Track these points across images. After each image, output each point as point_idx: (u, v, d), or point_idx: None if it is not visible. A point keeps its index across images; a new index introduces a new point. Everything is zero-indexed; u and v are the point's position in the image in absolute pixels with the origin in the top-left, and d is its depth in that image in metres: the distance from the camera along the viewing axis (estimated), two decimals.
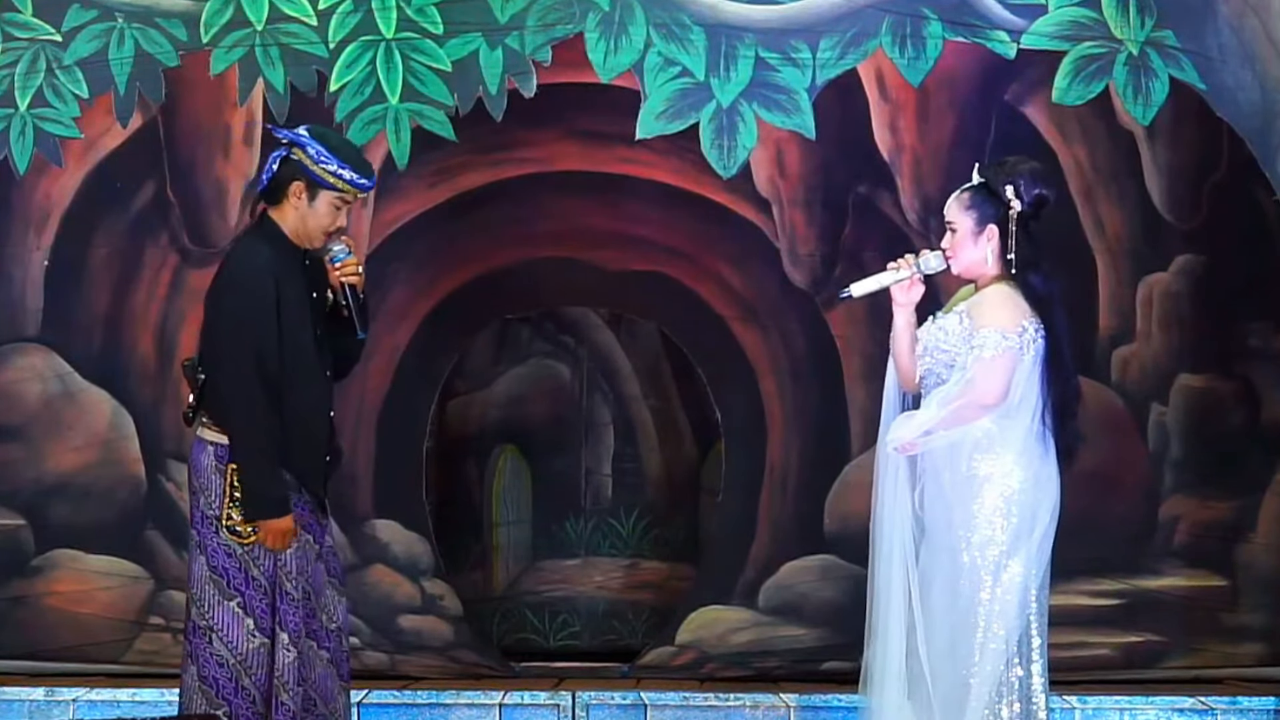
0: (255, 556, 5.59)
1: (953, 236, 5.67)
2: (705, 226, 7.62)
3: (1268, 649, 7.52)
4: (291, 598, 5.62)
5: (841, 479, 7.55)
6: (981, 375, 5.48)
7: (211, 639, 5.58)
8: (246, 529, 5.58)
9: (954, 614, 5.52)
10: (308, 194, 5.66)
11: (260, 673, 5.59)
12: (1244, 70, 7.40)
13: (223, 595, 5.58)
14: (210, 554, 5.60)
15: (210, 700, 5.57)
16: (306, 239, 5.71)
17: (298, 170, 5.65)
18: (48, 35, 7.57)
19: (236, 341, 5.55)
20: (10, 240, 7.64)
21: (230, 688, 5.57)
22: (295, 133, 5.73)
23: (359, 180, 5.68)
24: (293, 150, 5.68)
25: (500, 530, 8.39)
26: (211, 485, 5.61)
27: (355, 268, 5.73)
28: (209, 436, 5.63)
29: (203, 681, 5.59)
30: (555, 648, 8.27)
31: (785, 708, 7.20)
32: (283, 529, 5.57)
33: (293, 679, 5.61)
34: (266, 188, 5.72)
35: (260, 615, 5.59)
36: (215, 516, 5.60)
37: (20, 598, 7.60)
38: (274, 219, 5.71)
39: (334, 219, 5.69)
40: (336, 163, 5.65)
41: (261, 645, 5.59)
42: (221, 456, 5.59)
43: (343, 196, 5.67)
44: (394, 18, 7.49)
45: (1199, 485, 7.58)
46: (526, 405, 8.44)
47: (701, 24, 7.48)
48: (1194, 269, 7.60)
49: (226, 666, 5.58)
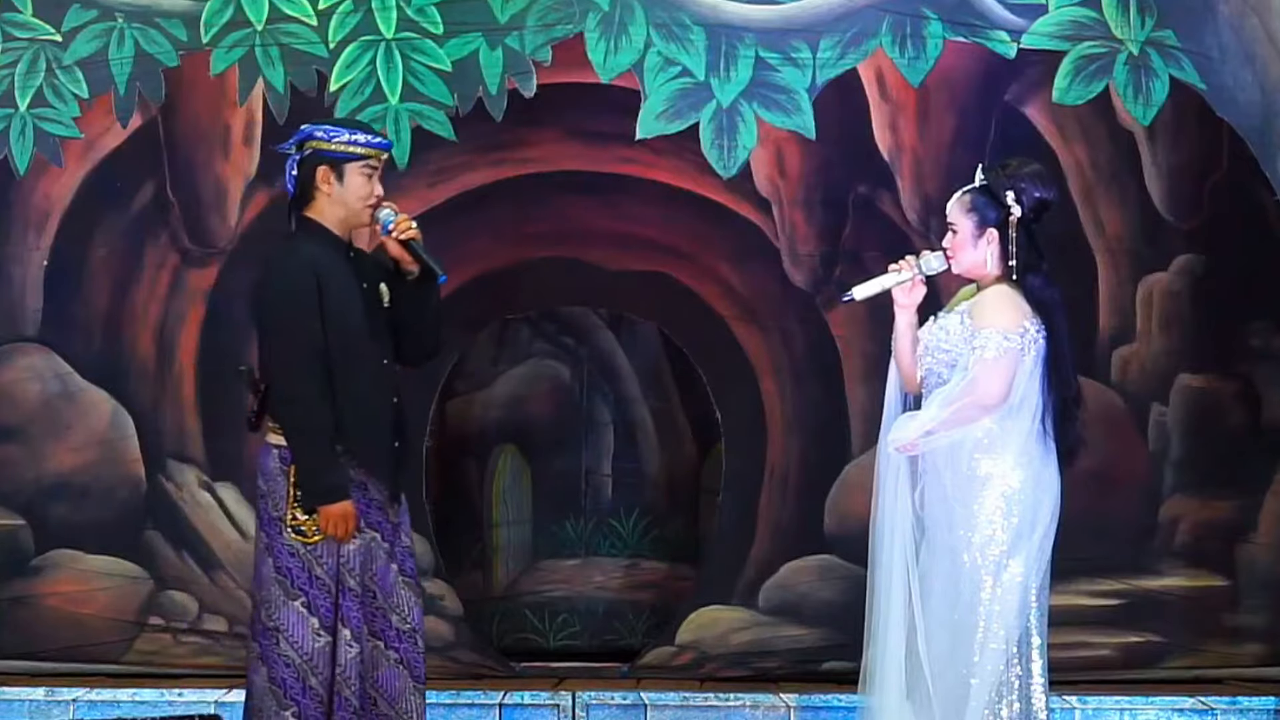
0: (319, 555, 5.59)
1: (954, 237, 5.67)
2: (705, 226, 7.62)
3: (1268, 649, 7.52)
4: (353, 593, 5.63)
5: (841, 479, 7.55)
6: (983, 376, 5.48)
7: (279, 639, 5.58)
8: (311, 528, 5.59)
9: (954, 614, 5.52)
10: (334, 174, 5.68)
11: (326, 672, 5.59)
12: (1244, 70, 7.40)
13: (287, 595, 5.59)
14: (276, 554, 5.61)
15: (280, 701, 5.56)
16: (353, 218, 5.73)
17: (317, 158, 5.68)
18: (48, 35, 7.57)
19: (282, 338, 5.59)
20: (10, 240, 7.64)
21: (298, 688, 5.58)
22: (297, 132, 5.76)
23: (375, 140, 5.73)
24: (303, 146, 5.71)
25: (500, 530, 8.39)
26: (277, 487, 5.62)
27: (408, 224, 5.75)
28: (274, 440, 5.66)
29: (272, 683, 5.58)
30: (555, 648, 8.27)
31: (785, 708, 7.20)
32: (342, 514, 5.57)
33: (354, 674, 5.62)
34: (295, 193, 5.74)
35: (324, 614, 5.59)
36: (280, 518, 5.61)
37: (20, 598, 7.60)
38: (311, 217, 5.72)
39: (370, 188, 5.71)
40: (347, 132, 5.70)
41: (326, 644, 5.59)
42: (285, 459, 5.61)
43: (369, 163, 5.70)
44: (394, 18, 7.49)
45: (1199, 485, 7.59)
46: (526, 405, 8.44)
47: (701, 24, 7.48)
48: (1194, 269, 7.60)
49: (293, 666, 5.58)
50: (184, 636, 7.60)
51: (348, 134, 5.69)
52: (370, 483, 5.67)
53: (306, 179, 5.70)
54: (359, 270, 5.75)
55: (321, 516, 5.57)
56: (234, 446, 7.61)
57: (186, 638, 7.60)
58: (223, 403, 7.60)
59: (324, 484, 5.57)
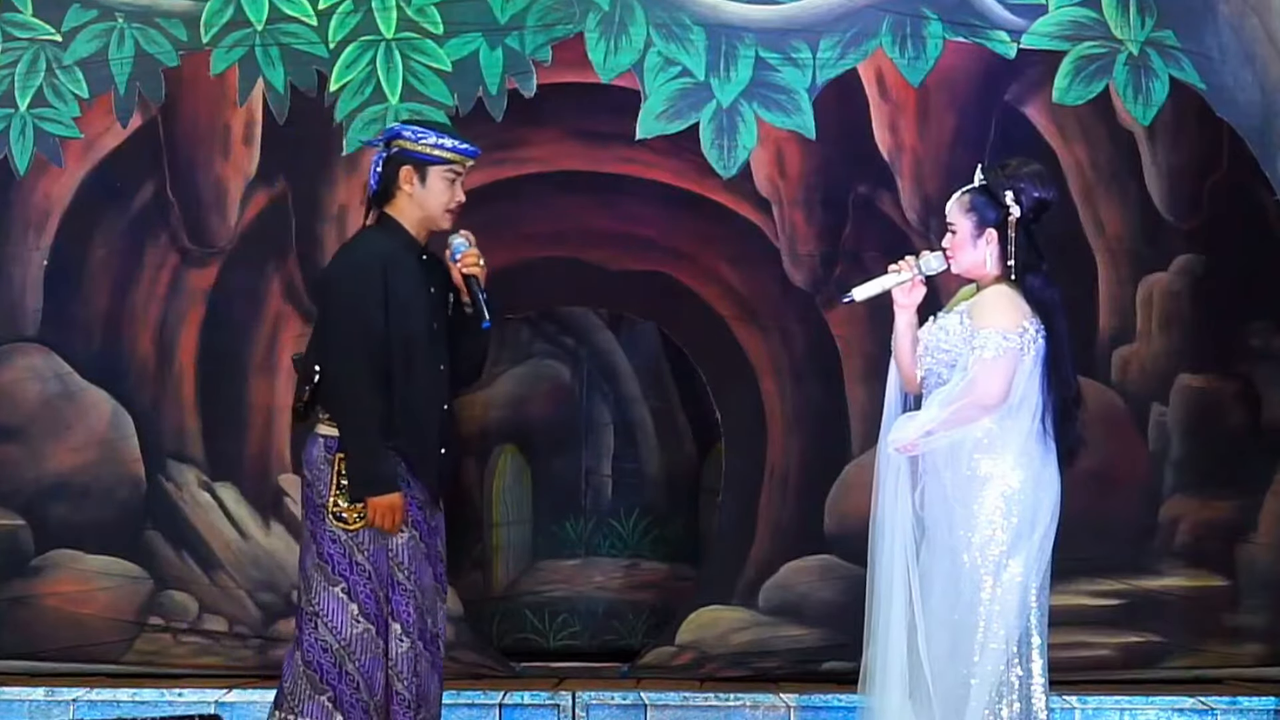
0: (360, 542, 5.61)
1: (953, 237, 5.67)
2: (705, 226, 7.62)
3: (1268, 649, 7.52)
4: (404, 588, 5.65)
5: (841, 479, 7.55)
6: (982, 376, 5.48)
7: (317, 624, 5.60)
8: (352, 515, 5.60)
9: (954, 614, 5.52)
10: (417, 176, 5.70)
11: (365, 658, 5.60)
12: (1244, 70, 7.40)
13: (328, 581, 5.61)
14: (319, 540, 5.63)
15: (315, 685, 5.59)
16: (431, 222, 5.74)
17: (403, 157, 5.70)
18: (48, 35, 7.57)
19: (344, 326, 5.60)
20: (10, 240, 7.64)
21: (334, 673, 5.59)
22: (387, 129, 5.82)
23: (462, 147, 5.75)
24: (391, 144, 5.73)
25: (500, 530, 8.39)
26: (321, 475, 5.64)
27: (476, 259, 5.75)
28: (323, 430, 5.67)
29: (307, 666, 5.61)
30: (555, 648, 8.27)
31: (785, 708, 7.20)
32: (390, 505, 5.59)
33: (407, 669, 5.65)
34: (377, 190, 5.75)
35: (364, 601, 5.60)
36: (323, 505, 5.63)
37: (20, 598, 7.60)
38: (391, 214, 5.74)
39: (451, 194, 5.73)
40: (435, 135, 5.72)
41: (366, 631, 5.60)
42: (331, 448, 5.63)
43: (453, 169, 5.72)
44: (394, 18, 7.50)
45: (1199, 485, 7.59)
46: (526, 405, 8.44)
47: (701, 24, 7.48)
48: (1194, 269, 7.60)
49: (330, 651, 5.59)
50: (184, 636, 7.60)
51: (435, 137, 5.71)
52: (413, 481, 5.69)
53: (389, 176, 5.72)
54: (429, 274, 5.75)
55: (370, 507, 5.58)
56: (234, 446, 7.62)
57: (186, 638, 7.60)
58: (222, 403, 7.61)
59: (374, 474, 5.59)
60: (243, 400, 7.63)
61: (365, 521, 5.60)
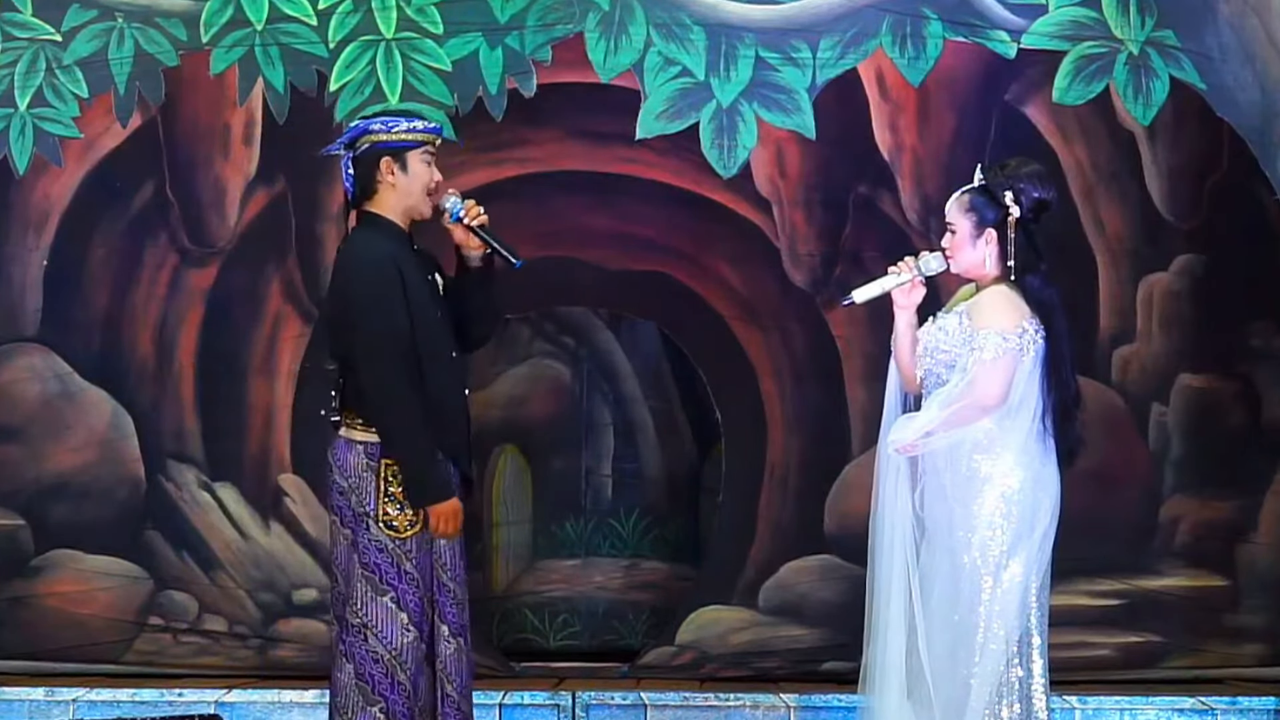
0: (408, 550, 5.58)
1: (952, 237, 5.68)
2: (705, 226, 7.62)
3: (1268, 649, 7.52)
4: (448, 589, 5.64)
5: (841, 479, 7.55)
6: (982, 377, 5.48)
7: (366, 636, 5.57)
8: (404, 523, 5.57)
9: (954, 614, 5.52)
10: (398, 164, 5.69)
11: (413, 667, 5.59)
12: (1244, 70, 7.40)
13: (376, 591, 5.57)
14: (362, 551, 5.58)
15: (367, 697, 5.56)
16: (417, 207, 5.73)
17: (377, 151, 5.68)
18: (47, 35, 7.57)
19: (375, 333, 5.55)
20: (10, 240, 7.64)
21: (386, 683, 5.57)
22: (348, 130, 5.78)
23: (430, 125, 5.77)
24: (358, 143, 5.71)
25: (500, 530, 8.39)
26: (363, 483, 5.59)
27: (478, 209, 5.76)
28: (356, 436, 5.62)
29: (359, 679, 5.57)
30: (555, 648, 8.27)
31: (785, 708, 7.20)
32: (453, 511, 5.58)
33: (454, 670, 5.64)
34: (354, 191, 5.73)
35: (414, 609, 5.58)
36: (368, 514, 5.58)
37: (20, 598, 7.60)
38: (374, 211, 5.72)
39: (430, 174, 5.73)
40: (404, 120, 5.73)
41: (414, 639, 5.59)
42: (372, 454, 5.59)
43: (428, 149, 5.73)
44: (394, 18, 7.49)
45: (1200, 485, 7.59)
46: (526, 405, 8.44)
47: (701, 24, 7.48)
48: (1194, 269, 7.60)
49: (381, 663, 5.56)
50: (184, 636, 7.60)
51: (405, 121, 5.72)
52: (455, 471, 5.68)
53: (367, 174, 5.70)
54: (424, 263, 5.77)
55: (432, 515, 5.56)
56: (234, 446, 7.62)
57: (186, 638, 7.60)
58: (222, 403, 7.61)
59: (432, 481, 5.56)
60: (242, 400, 7.63)
61: (416, 529, 5.56)
